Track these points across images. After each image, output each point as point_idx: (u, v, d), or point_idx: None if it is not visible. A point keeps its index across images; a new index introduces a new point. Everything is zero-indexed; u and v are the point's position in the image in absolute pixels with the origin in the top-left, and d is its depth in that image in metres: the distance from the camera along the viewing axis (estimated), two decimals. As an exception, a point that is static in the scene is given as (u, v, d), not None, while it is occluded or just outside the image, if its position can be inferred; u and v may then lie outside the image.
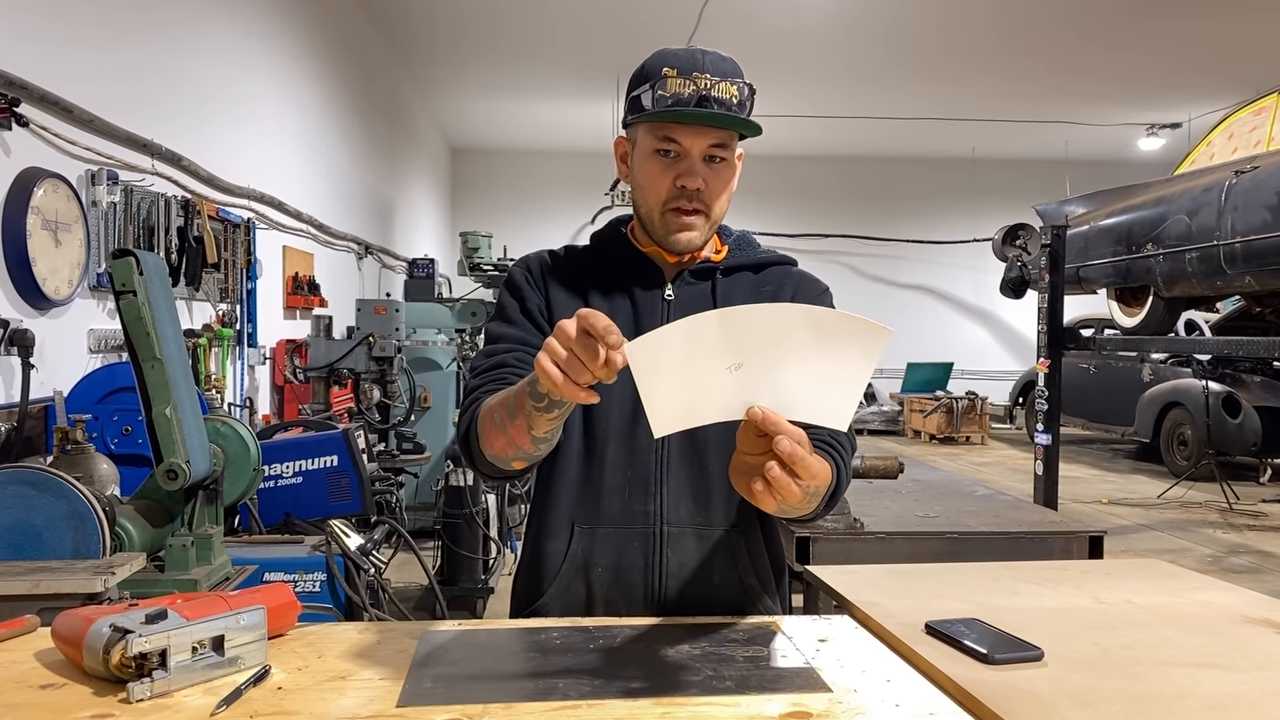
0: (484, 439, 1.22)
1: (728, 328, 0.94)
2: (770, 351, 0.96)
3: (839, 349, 0.97)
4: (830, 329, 0.96)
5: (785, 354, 0.96)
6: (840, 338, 0.96)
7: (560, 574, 1.37)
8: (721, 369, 0.96)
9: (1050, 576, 1.52)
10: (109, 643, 1.00)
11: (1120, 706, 0.98)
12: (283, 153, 5.62)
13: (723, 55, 1.32)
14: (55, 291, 2.94)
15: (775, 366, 0.97)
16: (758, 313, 0.96)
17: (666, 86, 1.28)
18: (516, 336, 1.38)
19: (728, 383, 0.97)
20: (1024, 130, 12.05)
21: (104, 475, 2.25)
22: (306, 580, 2.57)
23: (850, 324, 0.96)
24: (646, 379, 0.95)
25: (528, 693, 1.02)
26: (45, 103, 2.92)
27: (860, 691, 1.05)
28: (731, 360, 0.96)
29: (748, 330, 0.95)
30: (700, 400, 0.98)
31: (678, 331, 0.94)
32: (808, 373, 0.98)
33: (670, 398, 0.96)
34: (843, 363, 0.98)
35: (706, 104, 1.28)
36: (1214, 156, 5.76)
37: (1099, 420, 10.18)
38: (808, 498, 1.08)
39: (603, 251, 1.45)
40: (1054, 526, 2.91)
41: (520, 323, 1.39)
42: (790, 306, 0.97)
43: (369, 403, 4.56)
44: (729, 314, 0.95)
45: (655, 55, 1.33)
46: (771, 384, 0.98)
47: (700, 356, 0.95)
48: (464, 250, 7.79)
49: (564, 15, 8.00)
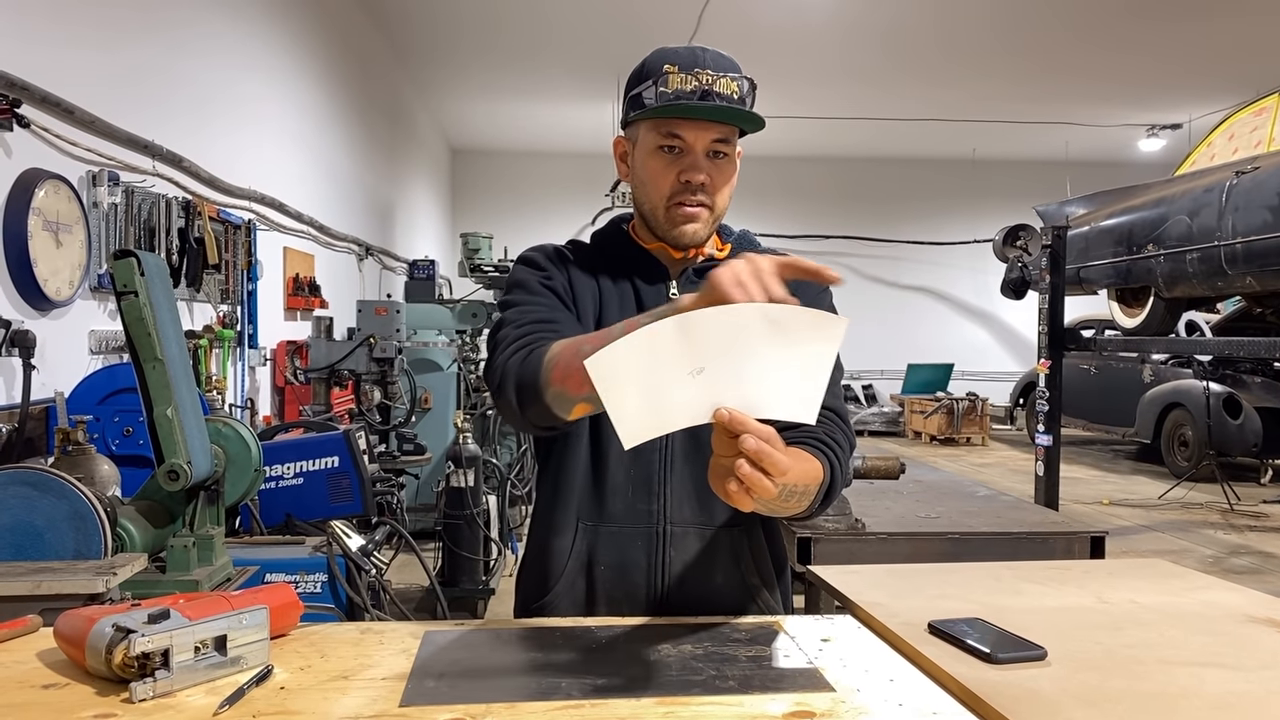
0: (556, 373, 1.14)
1: (686, 333, 0.95)
2: (730, 353, 0.96)
3: (798, 343, 0.97)
4: (787, 324, 0.96)
5: (745, 354, 0.97)
6: (798, 332, 0.97)
7: (565, 572, 1.37)
8: (684, 374, 0.96)
9: (1053, 576, 1.52)
10: (111, 642, 1.00)
11: (1124, 706, 0.98)
12: (283, 154, 5.63)
13: (722, 53, 1.32)
14: (56, 292, 2.94)
15: (737, 367, 0.97)
16: (714, 315, 0.96)
17: (669, 83, 1.28)
18: (544, 303, 1.32)
19: (692, 387, 0.97)
20: (1024, 131, 12.05)
21: (105, 476, 2.25)
22: (308, 581, 2.57)
23: (806, 317, 0.97)
24: (610, 392, 0.95)
25: (530, 692, 1.02)
26: (46, 104, 2.92)
27: (863, 691, 1.05)
28: (693, 365, 0.96)
29: (706, 333, 0.95)
30: (666, 407, 0.98)
31: (637, 341, 0.94)
32: (769, 370, 0.98)
33: (636, 408, 0.97)
34: (803, 356, 0.98)
35: (709, 99, 1.28)
36: (1214, 157, 5.76)
37: (1100, 421, 10.18)
38: (786, 494, 1.07)
39: (606, 249, 1.45)
40: (1055, 527, 2.91)
41: (543, 294, 1.35)
42: (745, 306, 0.96)
43: (370, 404, 4.56)
44: (686, 319, 0.95)
45: (655, 53, 1.33)
46: (735, 384, 0.98)
47: (662, 364, 0.95)
48: (464, 251, 7.79)
49: (564, 17, 8.01)
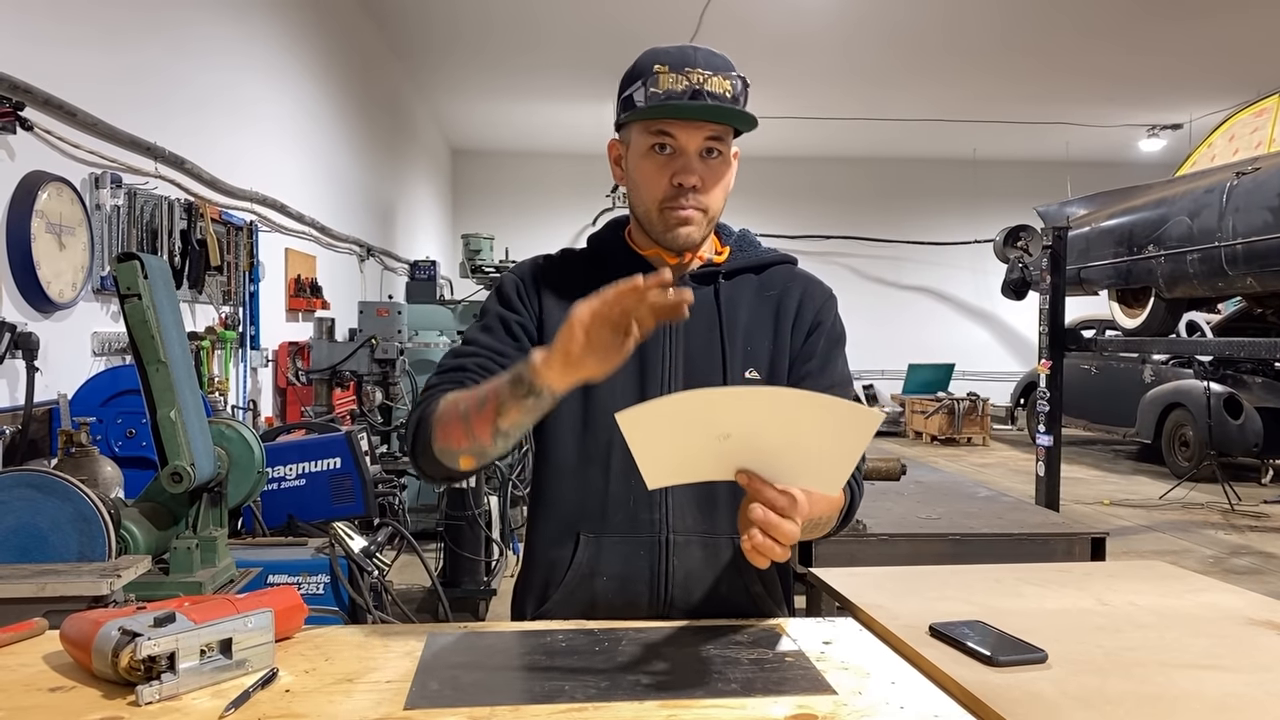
0: (439, 429, 1.22)
1: (712, 407, 0.99)
2: (760, 428, 0.99)
3: (830, 430, 1.00)
4: (820, 413, 0.99)
5: (775, 431, 1.00)
6: (831, 421, 0.99)
7: (565, 582, 1.36)
8: (711, 438, 1.00)
9: (1053, 578, 1.52)
10: (118, 646, 1.01)
11: (1124, 708, 0.99)
12: (285, 155, 5.63)
13: (714, 51, 1.31)
14: (59, 294, 2.94)
15: (765, 440, 1.00)
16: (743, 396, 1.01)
17: (659, 83, 1.27)
18: (489, 345, 1.36)
19: (718, 449, 1.01)
20: (1025, 131, 12.04)
21: (108, 478, 2.26)
22: (310, 582, 2.58)
23: (841, 409, 0.99)
24: (639, 442, 0.99)
25: (534, 695, 1.03)
26: (49, 106, 2.93)
27: (865, 694, 1.05)
28: (720, 431, 0.99)
29: (738, 408, 0.99)
30: (692, 462, 1.02)
31: (668, 405, 0.98)
32: (798, 448, 1.01)
33: (663, 458, 1.01)
34: (834, 442, 1.01)
35: (700, 98, 1.26)
36: (1215, 158, 5.76)
37: (1100, 421, 10.18)
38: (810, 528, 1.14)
39: (601, 255, 1.43)
40: (1056, 528, 2.91)
41: (497, 331, 1.37)
42: (781, 392, 1.01)
43: (371, 405, 4.57)
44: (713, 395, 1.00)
45: (646, 54, 1.31)
46: (761, 454, 1.01)
47: (690, 426, 0.99)
48: (465, 252, 7.80)
49: (564, 17, 8.01)
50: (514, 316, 1.38)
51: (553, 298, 1.39)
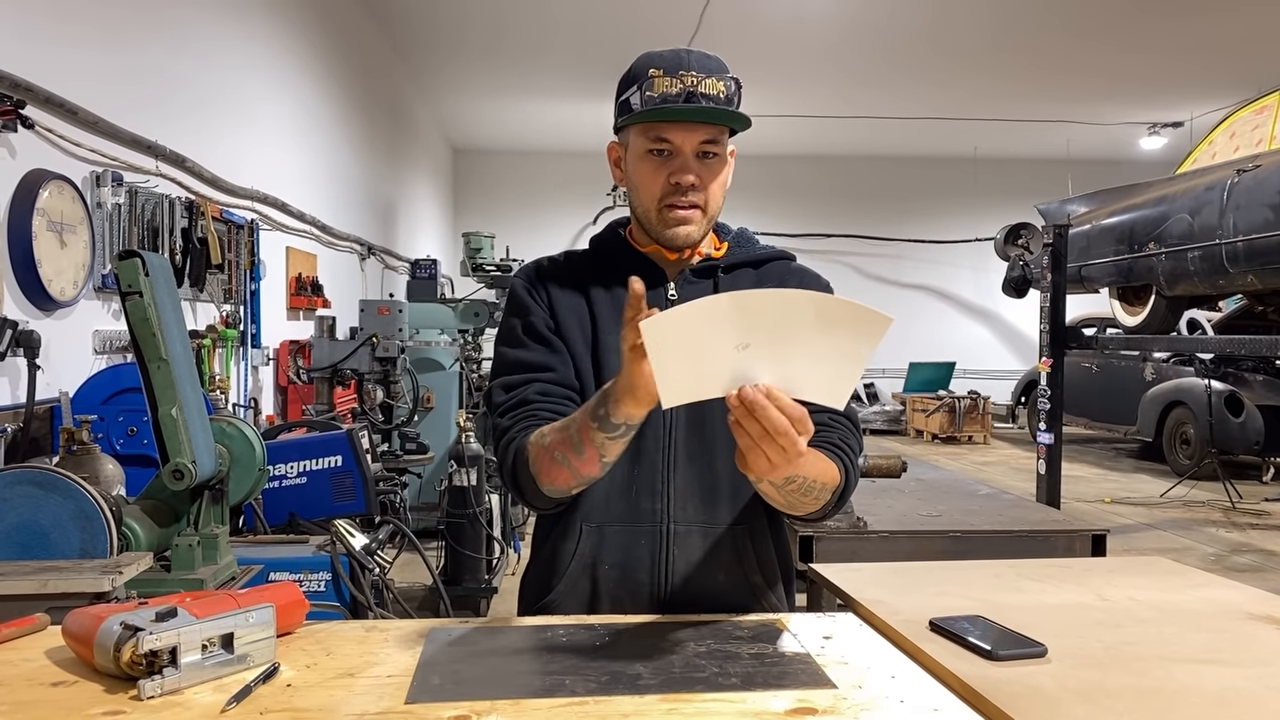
0: (543, 476, 1.26)
1: (739, 310, 1.00)
2: (777, 333, 1.01)
3: (841, 334, 1.02)
4: (835, 315, 1.01)
5: (791, 336, 1.01)
6: (843, 323, 1.01)
7: (568, 571, 1.38)
8: (730, 347, 1.01)
9: (1053, 574, 1.52)
10: (120, 640, 1.01)
11: (1124, 703, 0.99)
12: (286, 154, 5.63)
13: (708, 54, 1.33)
14: (61, 293, 2.95)
15: (780, 347, 1.02)
16: (768, 297, 1.02)
17: (654, 87, 1.30)
18: (532, 363, 1.37)
19: (735, 360, 1.02)
20: (1025, 129, 12.04)
21: (110, 475, 2.27)
22: (312, 580, 2.58)
23: (854, 311, 1.01)
24: (659, 354, 1.00)
25: (535, 689, 1.03)
26: (50, 105, 2.93)
27: (865, 688, 1.05)
28: (740, 340, 1.01)
29: (758, 312, 1.00)
30: (708, 375, 1.03)
31: (693, 311, 0.99)
32: (810, 354, 1.03)
33: (680, 372, 1.02)
34: (843, 347, 1.02)
35: (694, 100, 1.29)
36: (1216, 155, 5.76)
37: (1101, 419, 10.18)
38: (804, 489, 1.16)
39: (602, 255, 1.46)
40: (1057, 525, 2.91)
41: (530, 345, 1.39)
42: (800, 292, 1.02)
43: (372, 403, 4.57)
44: (741, 296, 1.00)
45: (641, 58, 1.34)
46: (775, 363, 1.03)
47: (711, 335, 1.00)
48: (466, 251, 7.79)
49: (566, 16, 8.01)
50: (534, 319, 1.40)
51: (559, 295, 1.42)
